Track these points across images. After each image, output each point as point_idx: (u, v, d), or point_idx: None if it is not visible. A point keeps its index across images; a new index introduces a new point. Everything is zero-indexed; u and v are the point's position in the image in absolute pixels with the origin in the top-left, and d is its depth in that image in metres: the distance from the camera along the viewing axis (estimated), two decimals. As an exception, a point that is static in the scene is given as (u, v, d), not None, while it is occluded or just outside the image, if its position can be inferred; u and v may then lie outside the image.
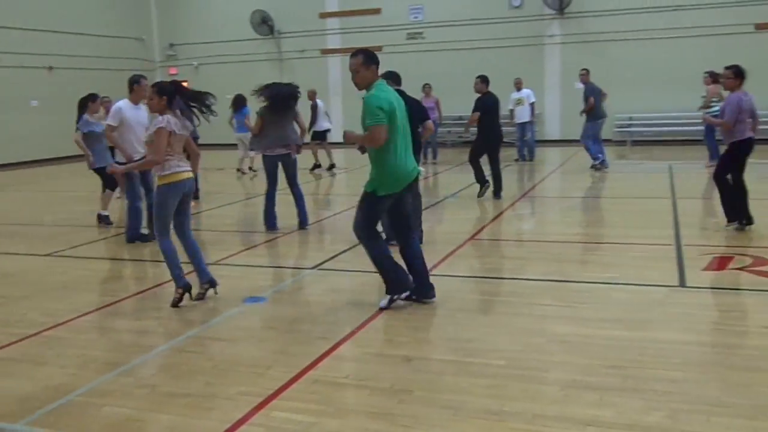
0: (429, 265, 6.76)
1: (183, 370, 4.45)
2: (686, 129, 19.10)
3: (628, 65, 19.34)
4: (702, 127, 14.34)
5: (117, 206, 11.01)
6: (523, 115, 16.29)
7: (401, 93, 6.64)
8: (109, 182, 9.93)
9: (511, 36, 20.48)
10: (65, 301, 6.14)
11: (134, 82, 8.21)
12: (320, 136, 16.12)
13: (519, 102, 16.29)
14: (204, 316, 5.57)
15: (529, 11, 20.64)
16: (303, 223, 8.88)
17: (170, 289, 6.39)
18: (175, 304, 5.77)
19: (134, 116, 8.20)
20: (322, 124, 16.10)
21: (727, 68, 7.76)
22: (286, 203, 9.15)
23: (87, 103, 9.65)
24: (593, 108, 13.89)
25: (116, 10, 23.39)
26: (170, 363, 4.61)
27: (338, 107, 21.87)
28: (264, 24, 23.27)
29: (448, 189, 12.33)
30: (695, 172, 13.78)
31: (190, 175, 5.82)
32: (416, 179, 5.72)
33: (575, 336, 4.77)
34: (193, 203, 11.59)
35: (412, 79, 17.88)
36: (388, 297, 5.51)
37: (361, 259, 7.33)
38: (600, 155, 14.00)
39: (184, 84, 6.29)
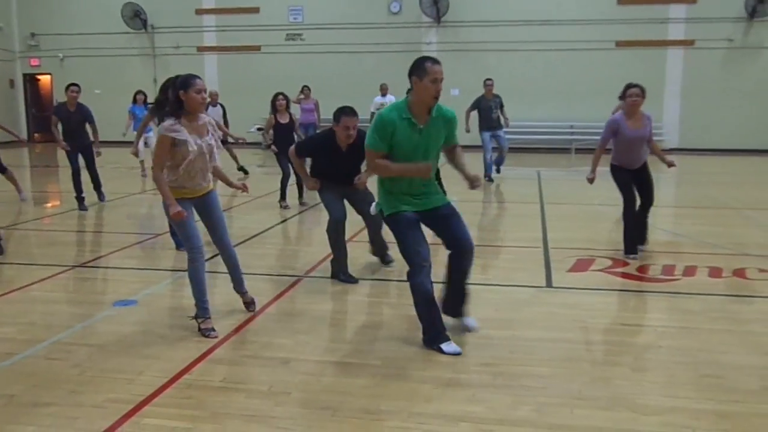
0: (306, 269, 6.78)
1: (46, 378, 4.20)
2: (553, 137, 20.13)
3: (501, 75, 19.96)
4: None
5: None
6: None
7: None
8: None
9: (389, 41, 20.79)
10: None
11: None
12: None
13: (382, 107, 16.50)
14: (70, 321, 5.29)
15: (408, 18, 21.04)
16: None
17: (33, 293, 6.04)
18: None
19: None
20: None
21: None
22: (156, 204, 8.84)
23: None
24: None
25: (-28, -5, 21.83)
26: (31, 371, 4.33)
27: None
28: (136, 17, 22.37)
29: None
30: (561, 178, 14.51)
31: None
32: None
33: (449, 335, 4.89)
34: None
35: (291, 80, 17.93)
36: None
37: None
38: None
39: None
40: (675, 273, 6.62)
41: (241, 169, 14.39)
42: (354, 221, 6.74)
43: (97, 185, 10.87)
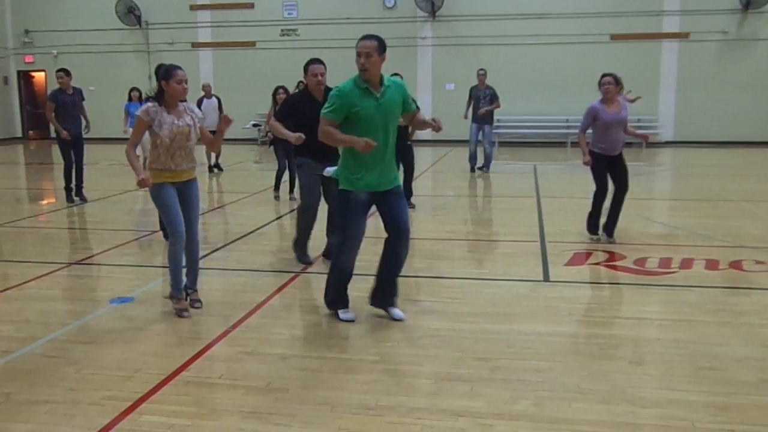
0: (303, 265, 6.77)
1: (42, 376, 4.19)
2: (549, 132, 20.14)
3: (496, 69, 20.01)
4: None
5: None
6: None
7: None
8: None
9: (384, 36, 20.55)
10: None
11: None
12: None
13: None
14: (66, 319, 5.27)
15: (403, 13, 21.02)
16: None
17: (29, 291, 6.03)
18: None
19: None
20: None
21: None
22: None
23: None
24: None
25: (-36, -8, 21.72)
26: (28, 369, 4.32)
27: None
28: (130, 14, 22.30)
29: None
30: (558, 172, 14.51)
31: None
32: None
33: (447, 330, 4.90)
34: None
35: (286, 75, 17.83)
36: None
37: (234, 256, 7.23)
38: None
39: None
40: (672, 266, 6.63)
41: (216, 166, 14.56)
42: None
43: (80, 182, 10.77)
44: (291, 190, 10.77)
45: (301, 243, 6.72)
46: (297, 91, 6.62)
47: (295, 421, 3.58)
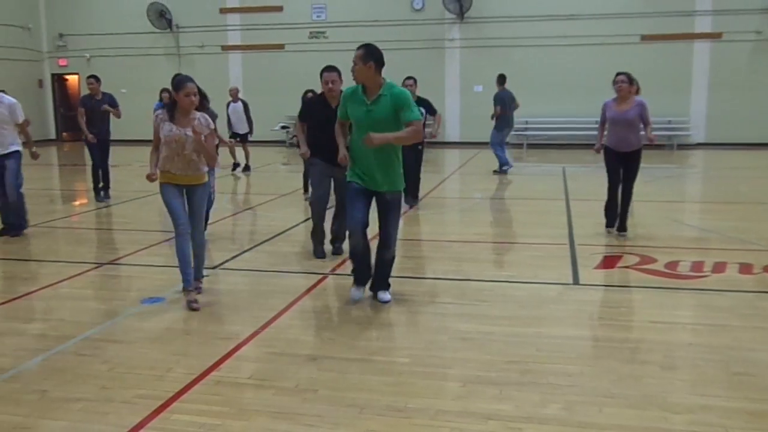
0: (332, 265, 6.80)
1: (76, 374, 4.26)
2: (578, 133, 19.95)
3: (525, 71, 20.00)
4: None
5: None
6: None
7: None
8: None
9: (412, 38, 20.77)
10: (-56, 303, 5.75)
11: None
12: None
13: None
14: (99, 318, 5.35)
15: (431, 15, 20.99)
16: None
17: (62, 290, 6.14)
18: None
19: None
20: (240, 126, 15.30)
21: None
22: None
23: None
24: (500, 116, 14.13)
25: (0, -4, 22.12)
26: (62, 367, 4.40)
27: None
28: (162, 17, 22.56)
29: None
30: (587, 174, 14.39)
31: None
32: None
33: (476, 333, 4.89)
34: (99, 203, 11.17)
35: (315, 78, 17.89)
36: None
37: (264, 257, 7.28)
38: (508, 163, 14.31)
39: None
40: (704, 269, 6.54)
41: (238, 166, 15.02)
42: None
43: (106, 183, 11.28)
44: (306, 191, 10.84)
45: (316, 232, 7.16)
46: (317, 94, 7.06)
47: (324, 422, 3.60)
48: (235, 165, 15.18)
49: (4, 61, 21.73)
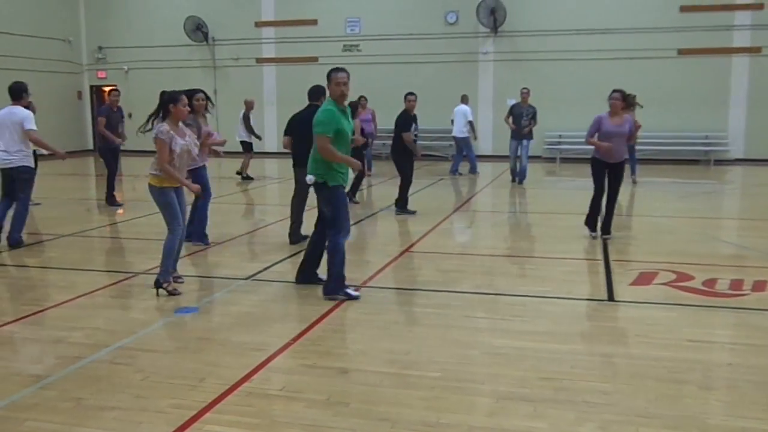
0: (364, 278, 6.80)
1: (111, 382, 4.30)
2: (612, 148, 19.70)
3: (558, 84, 19.88)
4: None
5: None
6: (457, 129, 16.61)
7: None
8: None
9: (446, 52, 20.78)
10: (-16, 310, 5.86)
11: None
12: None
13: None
14: (133, 327, 5.40)
15: (464, 28, 20.99)
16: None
17: (97, 299, 6.22)
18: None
19: None
20: (242, 134, 16.25)
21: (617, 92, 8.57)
22: (219, 212, 8.99)
23: None
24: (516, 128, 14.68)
25: (42, 10, 22.58)
26: (97, 375, 4.45)
27: (273, 116, 21.69)
28: (198, 30, 22.90)
29: (382, 201, 12.35)
30: (621, 189, 14.19)
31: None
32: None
33: (509, 348, 4.84)
34: (120, 211, 11.35)
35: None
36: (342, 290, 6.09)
37: (296, 269, 7.28)
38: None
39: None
40: (743, 288, 6.40)
41: (241, 174, 15.85)
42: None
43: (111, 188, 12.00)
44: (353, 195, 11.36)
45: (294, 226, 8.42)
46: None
47: (356, 436, 3.58)
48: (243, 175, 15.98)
49: (46, 73, 22.19)
